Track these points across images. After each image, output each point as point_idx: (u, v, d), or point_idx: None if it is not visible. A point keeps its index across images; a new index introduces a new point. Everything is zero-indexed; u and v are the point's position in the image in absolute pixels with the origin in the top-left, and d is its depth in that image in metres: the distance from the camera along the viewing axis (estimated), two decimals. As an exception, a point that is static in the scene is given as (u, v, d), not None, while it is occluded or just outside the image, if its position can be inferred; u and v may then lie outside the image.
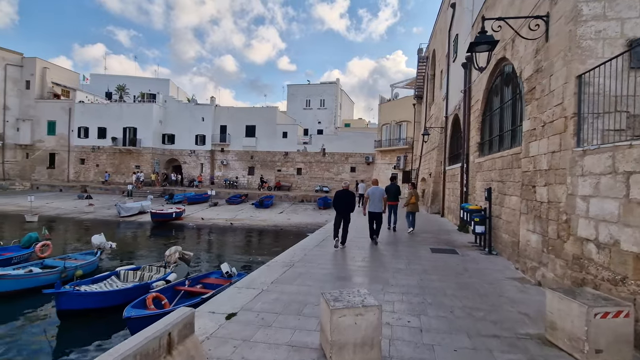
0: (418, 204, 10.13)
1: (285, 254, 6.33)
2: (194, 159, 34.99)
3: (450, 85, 13.21)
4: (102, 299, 6.91)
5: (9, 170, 34.92)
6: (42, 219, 19.83)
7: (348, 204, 7.37)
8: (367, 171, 31.45)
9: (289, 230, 19.38)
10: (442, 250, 6.94)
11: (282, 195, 28.97)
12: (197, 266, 11.59)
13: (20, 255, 10.17)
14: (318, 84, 43.01)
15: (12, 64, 34.69)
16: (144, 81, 44.25)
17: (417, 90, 24.05)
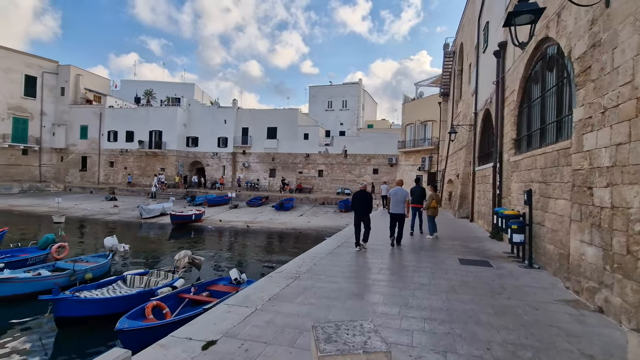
0: (438, 208, 9.30)
1: (293, 263, 5.69)
2: (216, 161, 35.28)
3: (479, 79, 12.14)
4: (103, 306, 6.55)
5: (45, 172, 36.68)
6: (69, 220, 20.38)
7: (366, 205, 7.25)
8: (390, 173, 30.35)
9: (307, 233, 18.78)
10: (473, 262, 6.03)
11: (302, 198, 28.48)
12: (210, 271, 11.20)
13: (36, 257, 10.16)
14: (340, 85, 42.34)
15: (48, 72, 36.51)
16: (170, 86, 45.36)
17: (443, 88, 22.84)
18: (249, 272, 10.91)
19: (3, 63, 33.12)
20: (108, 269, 10.05)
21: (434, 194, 9.48)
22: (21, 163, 34.91)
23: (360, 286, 4.44)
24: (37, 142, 35.62)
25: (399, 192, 7.84)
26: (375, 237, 8.57)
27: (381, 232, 9.50)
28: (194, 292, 7.47)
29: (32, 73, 35.26)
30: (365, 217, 7.23)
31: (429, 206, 9.28)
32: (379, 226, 10.31)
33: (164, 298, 6.77)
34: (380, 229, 9.88)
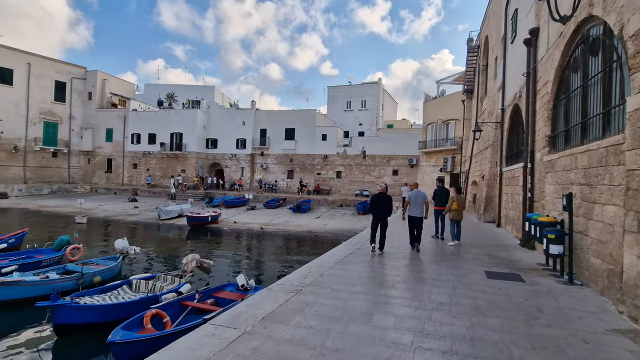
0: (462, 212, 8.56)
1: (298, 272, 5.18)
2: (234, 163, 35.42)
3: (507, 73, 11.22)
4: (103, 313, 6.30)
5: (74, 174, 38.10)
6: (91, 221, 20.84)
7: (385, 207, 7.09)
8: (411, 174, 29.35)
9: (324, 237, 18.26)
10: (502, 275, 5.29)
11: (320, 200, 28.00)
12: (223, 274, 10.89)
13: (51, 258, 10.19)
14: (359, 85, 41.63)
15: (77, 77, 37.95)
16: (191, 89, 46.14)
17: (466, 85, 21.74)
18: (260, 277, 10.53)
19: (35, 70, 34.66)
20: (118, 272, 9.93)
21: (456, 195, 8.73)
22: (51, 165, 36.41)
23: (369, 304, 3.87)
24: (66, 145, 37.06)
25: (418, 194, 7.68)
26: (392, 242, 7.95)
27: (399, 236, 8.87)
28: (198, 299, 7.11)
29: (62, 79, 36.73)
30: (384, 219, 7.10)
31: (449, 209, 8.61)
32: (398, 230, 9.67)
33: (166, 306, 6.43)
34: (398, 234, 9.25)
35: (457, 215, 8.51)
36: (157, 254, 14.01)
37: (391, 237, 8.38)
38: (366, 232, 10.51)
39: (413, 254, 6.93)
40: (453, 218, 8.55)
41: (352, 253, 6.79)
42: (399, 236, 9.06)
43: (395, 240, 8.54)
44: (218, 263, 12.55)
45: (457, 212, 8.50)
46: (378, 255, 6.71)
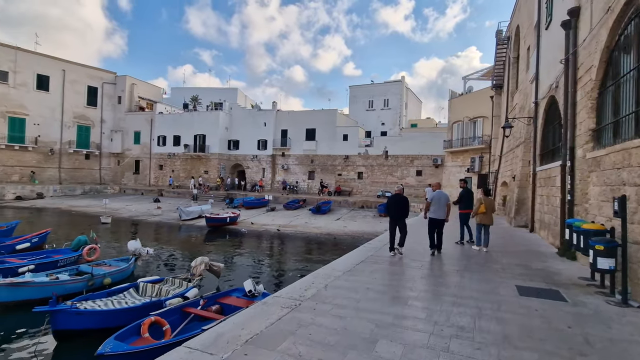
0: (492, 215, 7.77)
1: (300, 283, 4.68)
2: (256, 164, 35.52)
3: (541, 62, 10.20)
4: (105, 319, 6.08)
5: (105, 175, 39.68)
6: (115, 221, 21.36)
7: (402, 209, 7.06)
8: (435, 175, 28.13)
9: (342, 239, 17.67)
10: (537, 292, 4.51)
11: (341, 201, 27.41)
12: (236, 277, 10.59)
13: (67, 259, 10.27)
14: (381, 83, 40.65)
15: (107, 82, 39.53)
16: (215, 91, 46.94)
17: (495, 79, 20.46)
18: (271, 281, 10.10)
19: (69, 76, 36.40)
20: (130, 274, 9.84)
21: (483, 197, 7.95)
22: (84, 167, 38.09)
23: (374, 326, 3.29)
24: (97, 148, 38.67)
25: (440, 195, 7.40)
26: (411, 247, 7.29)
27: (419, 241, 8.17)
28: (202, 305, 6.77)
29: (94, 84, 38.39)
30: (401, 221, 7.08)
31: (476, 212, 7.87)
32: (418, 233, 8.96)
33: (167, 312, 6.13)
34: (418, 237, 8.55)
35: (486, 219, 7.75)
36: (173, 255, 13.98)
37: (410, 243, 7.73)
38: (384, 236, 9.87)
39: (433, 262, 6.25)
40: (481, 222, 7.80)
41: (365, 260, 6.20)
42: (419, 241, 8.36)
43: (414, 245, 7.85)
44: (231, 266, 12.30)
45: (485, 216, 7.74)
46: (395, 260, 6.17)
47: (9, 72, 32.37)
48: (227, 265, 12.33)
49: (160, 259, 13.12)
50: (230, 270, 11.55)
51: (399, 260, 6.21)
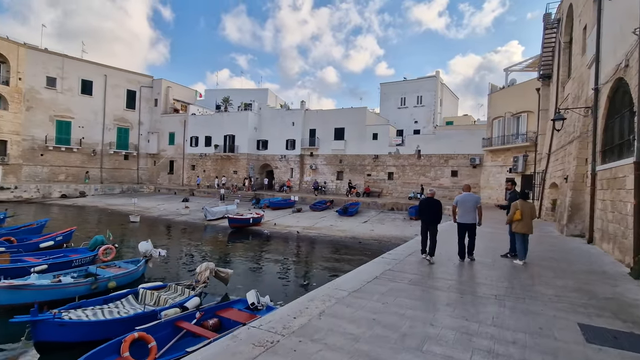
0: (531, 223, 6.49)
1: (290, 307, 3.80)
2: (284, 164, 35.19)
3: (603, 40, 8.54)
4: (91, 331, 5.59)
5: (142, 175, 41.34)
6: (144, 219, 21.76)
7: (434, 213, 6.85)
8: (473, 175, 26.04)
9: (368, 244, 16.56)
10: (614, 338, 3.22)
11: (370, 202, 26.20)
12: (239, 282, 9.94)
13: (83, 259, 10.17)
14: (414, 80, 38.72)
15: (145, 86, 41.18)
16: (246, 92, 47.38)
17: (542, 69, 18.31)
18: (281, 291, 9.27)
19: (111, 81, 38.31)
20: (140, 276, 9.51)
21: (520, 202, 6.68)
22: (123, 167, 39.92)
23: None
24: (135, 149, 40.37)
25: (467, 198, 6.88)
26: (439, 260, 6.15)
27: (448, 252, 6.99)
28: (198, 318, 6.11)
29: (132, 88, 40.14)
30: (433, 225, 6.84)
31: (511, 219, 6.71)
32: (449, 242, 7.76)
33: (156, 327, 5.52)
34: (447, 246, 7.36)
35: (523, 227, 6.52)
36: (191, 257, 13.68)
37: (440, 252, 6.62)
38: (409, 245, 8.73)
39: (465, 281, 5.11)
40: (518, 231, 6.57)
41: (379, 277, 5.18)
42: (450, 251, 7.17)
43: (443, 256, 6.70)
44: (243, 270, 11.68)
45: (522, 223, 6.51)
46: (416, 277, 5.10)
47: (57, 78, 34.60)
48: (239, 269, 11.77)
49: (175, 260, 12.84)
50: (243, 276, 10.94)
51: (421, 277, 5.14)
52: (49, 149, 34.04)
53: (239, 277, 10.57)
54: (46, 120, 33.93)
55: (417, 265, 6.18)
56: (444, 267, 6.01)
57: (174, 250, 14.48)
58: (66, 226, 15.51)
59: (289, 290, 9.54)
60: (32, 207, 27.49)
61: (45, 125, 33.89)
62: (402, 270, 5.63)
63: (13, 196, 29.47)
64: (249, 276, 11.03)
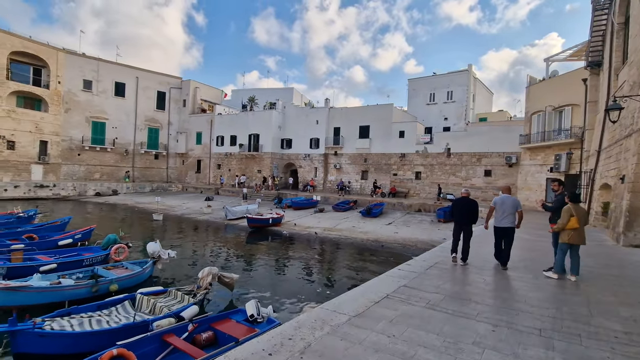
0: (584, 231, 5.36)
1: (269, 336, 3.05)
2: (308, 163, 34.65)
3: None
4: (75, 343, 5.17)
5: (171, 174, 42.44)
6: (167, 218, 21.97)
7: (469, 214, 6.59)
8: (509, 175, 24.11)
9: (391, 247, 15.53)
10: None
11: (395, 203, 25.01)
12: (249, 285, 9.34)
13: (93, 258, 10.04)
14: (445, 74, 36.73)
15: (174, 87, 42.22)
16: (272, 92, 47.36)
17: (591, 56, 16.34)
18: (286, 300, 8.53)
19: (142, 83, 39.57)
20: (147, 278, 9.18)
21: (573, 206, 5.54)
22: (153, 166, 41.14)
23: None
24: (165, 148, 41.50)
25: (507, 200, 6.36)
26: (467, 270, 5.17)
27: (480, 264, 5.96)
28: (191, 331, 5.54)
29: (162, 89, 41.26)
30: (467, 227, 6.58)
31: (563, 226, 5.56)
32: (481, 252, 6.72)
33: (141, 342, 4.99)
34: (479, 259, 6.33)
35: (578, 237, 5.40)
36: (204, 258, 13.34)
37: (470, 262, 5.61)
38: (434, 253, 7.75)
39: (498, 306, 4.13)
40: (571, 241, 5.44)
41: (390, 296, 4.31)
42: (479, 259, 6.14)
43: (473, 268, 5.69)
44: (252, 274, 11.11)
45: (577, 233, 5.37)
46: (436, 296, 4.22)
47: (92, 81, 36.15)
48: (251, 272, 11.22)
49: (188, 261, 12.54)
50: (253, 279, 10.36)
51: (442, 298, 4.22)
52: (85, 148, 35.63)
53: (249, 280, 10.03)
54: (82, 121, 35.54)
55: (439, 279, 5.24)
56: (473, 281, 5.04)
57: (188, 250, 14.26)
58: (96, 223, 15.74)
59: (299, 298, 8.83)
60: (68, 204, 28.79)
61: (82, 126, 35.50)
62: (420, 286, 4.73)
63: (52, 193, 31.05)
64: (260, 280, 10.44)
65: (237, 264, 12.54)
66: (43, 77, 33.40)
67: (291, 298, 8.61)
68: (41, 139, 32.73)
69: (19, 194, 29.17)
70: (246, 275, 10.77)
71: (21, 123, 31.36)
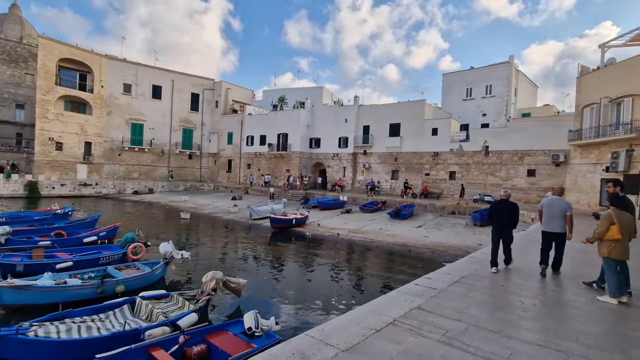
0: (628, 245, 4.27)
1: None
2: (336, 162, 33.93)
3: None
4: (59, 351, 4.87)
5: (204, 174, 43.57)
6: (195, 216, 22.23)
7: (509, 218, 6.16)
8: (556, 175, 21.83)
9: (419, 253, 14.41)
10: None
11: (427, 205, 23.60)
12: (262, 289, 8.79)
13: (111, 256, 10.04)
14: (483, 68, 34.30)
15: (207, 88, 43.31)
16: (302, 91, 47.21)
17: (659, 38, 14.14)
18: (294, 307, 7.85)
19: (177, 85, 40.96)
20: (159, 279, 8.96)
21: (615, 212, 4.46)
22: (188, 166, 42.45)
23: None
24: (198, 148, 42.67)
25: (555, 202, 5.88)
26: (504, 286, 4.22)
27: (516, 271, 4.95)
28: (182, 343, 5.07)
29: (196, 91, 42.47)
30: (507, 232, 6.19)
31: (600, 236, 4.59)
32: (523, 266, 5.68)
33: (124, 355, 4.57)
34: (520, 272, 5.31)
35: (618, 250, 4.34)
36: (222, 259, 13.08)
37: (503, 276, 4.64)
38: (460, 265, 6.76)
39: (540, 343, 3.18)
40: (611, 256, 4.40)
41: (397, 322, 3.49)
42: (518, 271, 5.11)
43: (512, 284, 4.70)
44: (265, 278, 10.56)
45: (620, 245, 4.29)
46: (458, 325, 3.38)
47: (132, 84, 37.91)
48: (264, 276, 10.70)
49: (206, 261, 12.31)
50: (266, 282, 9.83)
51: (465, 328, 3.34)
52: (125, 149, 37.44)
53: (262, 284, 9.52)
54: (122, 123, 37.35)
55: (464, 300, 4.34)
56: (509, 304, 4.08)
57: (206, 250, 14.08)
58: (127, 220, 16.20)
59: (307, 307, 8.16)
60: (109, 202, 30.31)
61: (122, 127, 37.33)
62: (438, 309, 3.88)
63: (94, 192, 32.88)
64: (274, 284, 9.90)
65: (253, 265, 12.13)
66: (88, 82, 35.52)
67: (299, 305, 7.97)
68: (86, 140, 34.82)
69: (65, 191, 31.15)
70: (259, 278, 10.29)
71: (68, 125, 33.53)
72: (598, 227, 4.56)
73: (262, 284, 9.80)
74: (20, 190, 28.69)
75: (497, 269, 6.00)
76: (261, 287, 9.37)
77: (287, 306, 7.96)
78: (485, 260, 6.25)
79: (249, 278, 9.17)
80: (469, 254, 13.72)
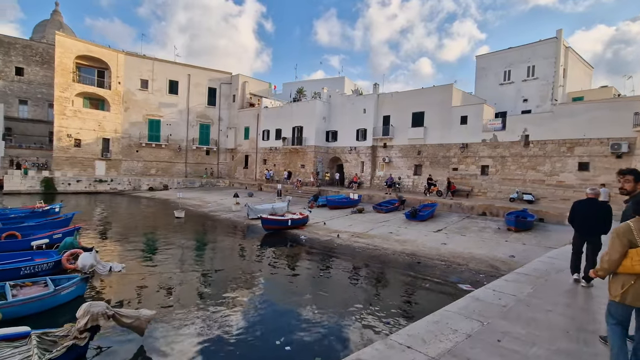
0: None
1: None
2: (354, 157, 31.23)
3: None
4: None
5: (221, 170, 42.69)
6: (190, 215, 20.65)
7: (598, 221, 5.21)
8: (616, 169, 17.63)
9: (430, 265, 11.53)
10: None
11: (452, 204, 20.35)
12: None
13: (38, 265, 8.37)
14: (524, 46, 29.67)
15: (224, 82, 42.23)
16: (322, 82, 44.66)
17: None
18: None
19: (193, 80, 40.19)
20: (67, 301, 7.03)
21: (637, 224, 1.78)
22: (205, 162, 41.71)
23: None
24: (215, 144, 41.79)
25: None
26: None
27: None
28: None
29: (213, 85, 41.52)
30: (594, 238, 5.25)
31: (610, 268, 2.58)
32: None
33: None
34: None
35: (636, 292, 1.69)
36: (180, 272, 11.07)
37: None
38: (490, 292, 4.11)
39: None
40: (624, 301, 2.11)
41: None
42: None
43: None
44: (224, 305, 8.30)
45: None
46: None
47: (148, 80, 37.60)
48: (210, 305, 8.41)
49: (170, 273, 10.35)
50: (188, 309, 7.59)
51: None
52: (142, 145, 37.26)
53: (177, 311, 7.29)
54: (140, 119, 37.16)
55: None
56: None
57: (175, 255, 12.13)
58: (123, 217, 14.85)
59: (255, 349, 5.83)
60: (124, 198, 29.89)
61: (139, 124, 37.14)
62: None
63: (109, 188, 32.78)
64: (195, 311, 7.68)
65: (218, 280, 10.04)
66: (105, 79, 35.59)
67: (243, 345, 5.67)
68: (104, 137, 34.89)
69: (81, 188, 31.23)
70: (211, 303, 8.08)
71: (86, 122, 33.69)
72: (608, 251, 2.55)
73: (178, 310, 7.61)
74: (37, 186, 29.00)
75: (578, 276, 5.43)
76: (176, 315, 7.19)
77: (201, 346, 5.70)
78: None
79: (210, 299, 7.01)
80: (496, 268, 10.77)
